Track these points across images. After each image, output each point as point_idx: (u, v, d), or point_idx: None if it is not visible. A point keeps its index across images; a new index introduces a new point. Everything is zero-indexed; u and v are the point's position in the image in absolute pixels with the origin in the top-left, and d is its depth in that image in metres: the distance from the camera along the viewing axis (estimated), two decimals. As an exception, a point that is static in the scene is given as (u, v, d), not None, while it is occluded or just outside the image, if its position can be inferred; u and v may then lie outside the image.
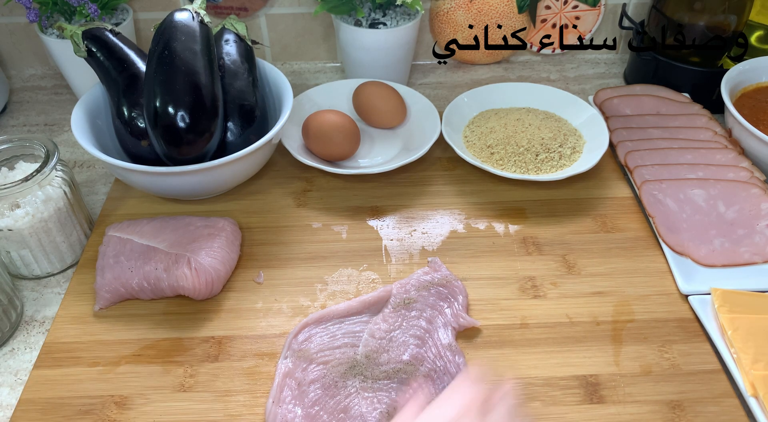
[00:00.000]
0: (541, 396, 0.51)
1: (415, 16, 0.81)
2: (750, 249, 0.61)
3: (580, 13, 0.89)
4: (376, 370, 0.51)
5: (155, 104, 0.60)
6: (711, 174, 0.68)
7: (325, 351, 0.53)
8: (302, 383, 0.50)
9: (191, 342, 0.55)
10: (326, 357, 0.52)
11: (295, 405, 0.49)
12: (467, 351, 0.54)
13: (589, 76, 0.91)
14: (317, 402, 0.49)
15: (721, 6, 0.76)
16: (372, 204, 0.69)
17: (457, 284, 0.58)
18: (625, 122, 0.77)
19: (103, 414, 0.50)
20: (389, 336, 0.54)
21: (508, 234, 0.65)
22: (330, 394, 0.50)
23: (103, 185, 0.73)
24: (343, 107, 0.78)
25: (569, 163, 0.71)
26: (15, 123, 0.83)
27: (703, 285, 0.58)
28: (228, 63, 0.68)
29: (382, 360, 0.52)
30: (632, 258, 0.62)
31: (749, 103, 0.75)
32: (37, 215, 0.57)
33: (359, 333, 0.54)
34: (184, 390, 0.51)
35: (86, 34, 0.65)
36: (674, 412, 0.50)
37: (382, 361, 0.52)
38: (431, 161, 0.74)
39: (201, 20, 0.64)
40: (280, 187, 0.71)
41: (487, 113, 0.78)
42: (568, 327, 0.56)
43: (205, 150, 0.62)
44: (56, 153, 0.59)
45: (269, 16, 0.88)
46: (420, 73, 0.91)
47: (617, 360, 0.53)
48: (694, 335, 0.55)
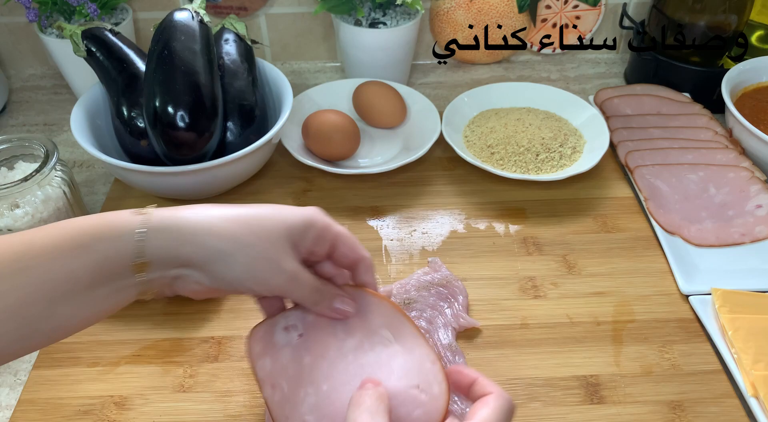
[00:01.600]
0: (542, 397, 0.51)
1: (415, 15, 0.80)
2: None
3: (580, 13, 0.89)
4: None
5: (155, 104, 0.60)
6: (711, 173, 0.68)
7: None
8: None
9: (191, 342, 0.55)
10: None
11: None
12: (467, 352, 0.54)
13: (589, 75, 0.91)
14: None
15: (722, 6, 0.76)
16: (372, 204, 0.69)
17: (457, 284, 0.58)
18: (625, 122, 0.77)
19: (102, 414, 0.50)
20: (389, 336, 0.54)
21: (508, 235, 0.65)
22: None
23: (103, 185, 0.73)
24: (343, 107, 0.78)
25: (570, 163, 0.71)
26: (14, 123, 0.83)
27: (704, 286, 0.58)
28: (228, 63, 0.67)
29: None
30: (633, 258, 0.62)
31: (750, 102, 0.75)
32: (36, 215, 0.57)
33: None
34: (184, 391, 0.51)
35: (86, 33, 0.65)
36: (674, 412, 0.50)
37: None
38: (431, 161, 0.74)
39: (201, 20, 0.64)
40: (280, 187, 0.71)
41: (487, 113, 0.78)
42: (568, 327, 0.56)
43: (205, 150, 0.62)
44: (56, 153, 0.59)
45: (269, 16, 0.88)
46: (420, 73, 0.91)
47: (618, 360, 0.53)
48: (695, 335, 0.55)
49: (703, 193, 0.67)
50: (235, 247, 0.37)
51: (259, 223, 0.38)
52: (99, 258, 0.35)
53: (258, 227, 0.38)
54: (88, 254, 0.35)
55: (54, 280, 0.34)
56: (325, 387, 0.41)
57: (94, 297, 0.36)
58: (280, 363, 0.43)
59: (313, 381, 0.42)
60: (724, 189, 0.67)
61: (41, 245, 0.35)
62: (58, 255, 0.34)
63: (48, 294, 0.34)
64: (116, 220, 0.36)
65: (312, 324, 0.43)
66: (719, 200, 0.66)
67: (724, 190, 0.67)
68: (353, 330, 0.43)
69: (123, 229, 0.36)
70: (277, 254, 0.38)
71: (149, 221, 0.36)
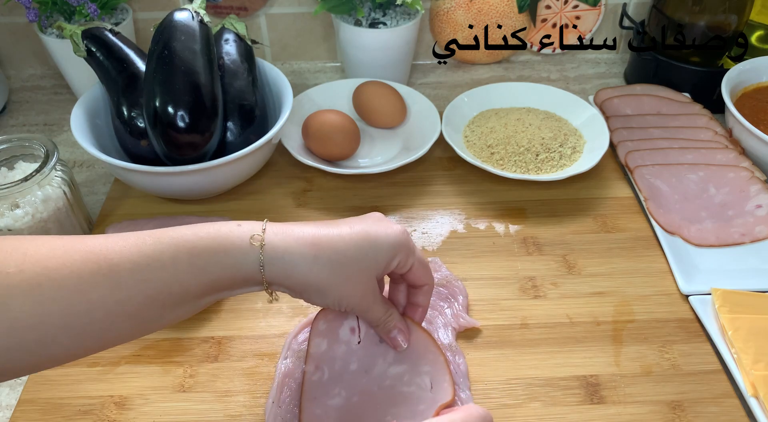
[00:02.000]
0: (542, 397, 0.51)
1: (415, 15, 0.80)
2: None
3: (580, 13, 0.89)
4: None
5: (155, 104, 0.60)
6: (711, 173, 0.68)
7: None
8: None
9: (191, 342, 0.55)
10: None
11: (295, 405, 0.49)
12: (467, 352, 0.54)
13: (589, 75, 0.91)
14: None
15: (722, 6, 0.76)
16: (372, 204, 0.69)
17: (457, 284, 0.58)
18: (625, 122, 0.77)
19: (102, 414, 0.50)
20: (389, 336, 0.54)
21: (508, 235, 0.65)
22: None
23: (103, 185, 0.73)
24: (343, 107, 0.78)
25: (569, 163, 0.71)
26: (14, 123, 0.83)
27: (704, 286, 0.58)
28: (228, 63, 0.67)
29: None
30: (633, 258, 0.62)
31: (750, 102, 0.75)
32: (36, 215, 0.57)
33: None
34: (184, 391, 0.51)
35: (86, 33, 0.65)
36: (674, 412, 0.50)
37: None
38: (431, 161, 0.74)
39: (201, 20, 0.64)
40: (280, 187, 0.71)
41: (487, 113, 0.78)
42: (568, 327, 0.56)
43: (205, 150, 0.62)
44: (56, 153, 0.59)
45: (269, 16, 0.88)
46: (420, 73, 0.91)
47: (617, 360, 0.53)
48: (695, 335, 0.55)
49: (703, 193, 0.67)
50: (329, 286, 0.41)
51: (355, 265, 0.41)
52: (213, 278, 0.39)
53: (352, 270, 0.41)
54: (204, 274, 0.38)
55: (169, 293, 0.38)
56: (355, 399, 0.45)
57: (200, 304, 0.40)
58: (332, 353, 0.47)
59: (349, 387, 0.46)
60: (724, 189, 0.67)
61: (159, 261, 0.37)
62: (173, 271, 0.38)
63: (162, 302, 0.38)
64: (232, 245, 0.39)
65: (372, 337, 0.47)
66: (719, 200, 0.66)
67: (724, 190, 0.67)
68: (402, 361, 0.47)
69: (239, 257, 0.39)
70: (364, 290, 0.42)
71: (265, 252, 0.39)
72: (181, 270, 0.38)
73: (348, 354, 0.47)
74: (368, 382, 0.46)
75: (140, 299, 0.37)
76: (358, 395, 0.46)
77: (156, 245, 0.38)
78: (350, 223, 0.42)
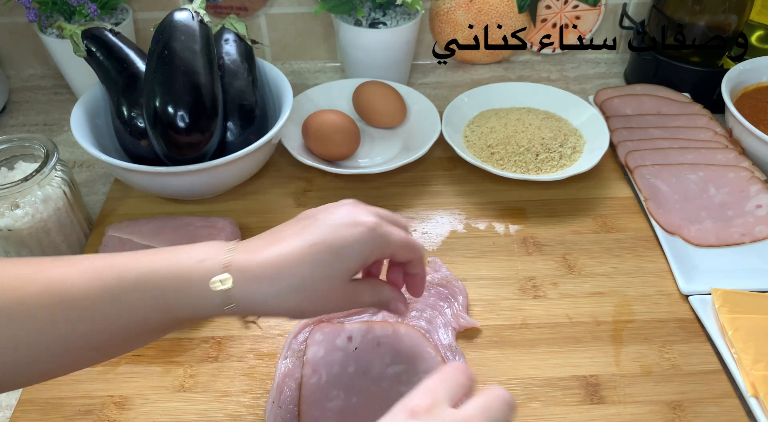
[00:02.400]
0: (542, 397, 0.51)
1: (415, 15, 0.80)
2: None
3: (580, 13, 0.89)
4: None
5: (155, 104, 0.60)
6: (711, 173, 0.68)
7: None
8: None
9: (191, 342, 0.55)
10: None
11: (295, 405, 0.49)
12: (467, 352, 0.54)
13: (589, 75, 0.91)
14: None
15: (722, 6, 0.76)
16: (372, 204, 0.68)
17: (457, 284, 0.58)
18: (625, 122, 0.77)
19: (102, 414, 0.50)
20: (389, 336, 0.54)
21: (508, 235, 0.65)
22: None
23: (103, 185, 0.73)
24: (343, 107, 0.78)
25: (569, 163, 0.71)
26: (14, 123, 0.83)
27: (704, 286, 0.58)
28: (228, 63, 0.67)
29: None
30: (632, 258, 0.62)
31: (750, 102, 0.75)
32: (36, 215, 0.57)
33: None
34: (184, 391, 0.51)
35: (86, 33, 0.65)
36: (674, 412, 0.50)
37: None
38: (431, 161, 0.74)
39: (201, 20, 0.64)
40: (280, 187, 0.71)
41: (487, 113, 0.78)
42: (568, 327, 0.56)
43: (205, 150, 0.62)
44: (56, 153, 0.59)
45: (269, 16, 0.88)
46: (420, 73, 0.91)
47: (617, 360, 0.53)
48: (695, 335, 0.55)
49: (703, 193, 0.67)
50: (301, 310, 0.40)
51: (322, 283, 0.39)
52: (180, 314, 0.39)
53: (320, 288, 0.39)
54: (170, 312, 0.38)
55: (134, 328, 0.38)
56: (354, 401, 0.46)
57: (165, 332, 0.41)
58: (329, 359, 0.49)
59: (348, 389, 0.47)
60: (724, 189, 0.67)
61: (122, 301, 0.37)
62: (139, 309, 0.37)
63: (125, 335, 0.38)
64: (197, 288, 0.38)
65: (369, 342, 0.50)
66: (719, 200, 0.66)
67: (724, 190, 0.67)
68: (399, 361, 0.48)
69: (205, 299, 0.38)
70: (339, 296, 0.41)
71: (230, 295, 0.38)
72: (147, 307, 0.38)
73: (345, 358, 0.48)
74: (367, 383, 0.47)
75: (105, 334, 0.37)
76: (357, 396, 0.46)
77: (119, 281, 0.37)
78: (308, 231, 0.40)
